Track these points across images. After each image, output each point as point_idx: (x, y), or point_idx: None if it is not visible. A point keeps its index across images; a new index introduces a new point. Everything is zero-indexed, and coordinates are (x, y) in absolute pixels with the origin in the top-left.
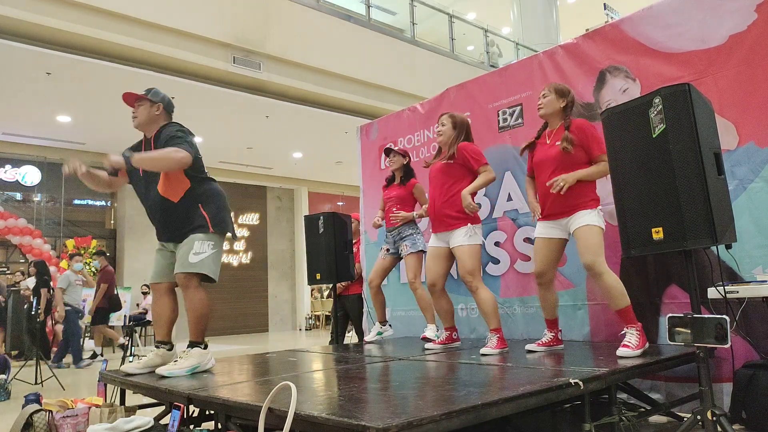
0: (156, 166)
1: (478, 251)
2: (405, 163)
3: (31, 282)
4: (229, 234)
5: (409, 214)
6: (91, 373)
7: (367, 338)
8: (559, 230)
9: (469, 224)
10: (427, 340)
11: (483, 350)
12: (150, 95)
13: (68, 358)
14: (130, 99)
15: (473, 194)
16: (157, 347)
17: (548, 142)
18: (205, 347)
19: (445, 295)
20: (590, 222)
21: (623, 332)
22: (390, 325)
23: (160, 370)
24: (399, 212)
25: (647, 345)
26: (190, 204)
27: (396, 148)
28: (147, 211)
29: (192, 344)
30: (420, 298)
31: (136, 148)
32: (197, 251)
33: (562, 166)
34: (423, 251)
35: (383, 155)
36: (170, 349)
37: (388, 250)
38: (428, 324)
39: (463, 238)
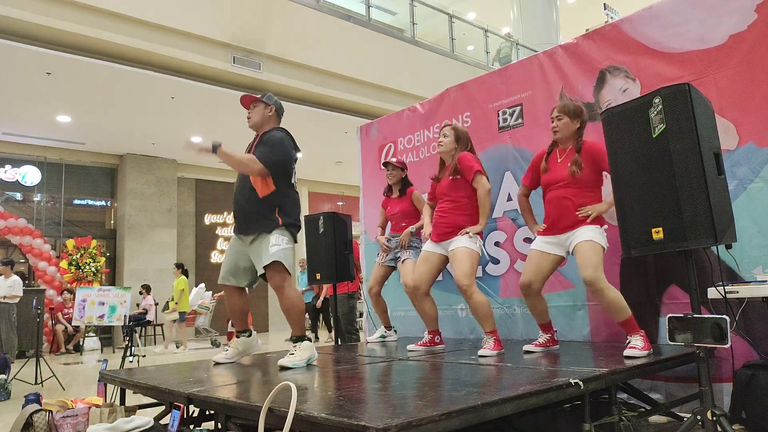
0: (234, 166)
1: (477, 257)
2: (404, 176)
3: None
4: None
5: (407, 232)
6: (91, 373)
7: (369, 339)
8: (558, 247)
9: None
10: None
11: (481, 352)
12: (264, 98)
13: None
14: (247, 101)
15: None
16: (237, 337)
17: (560, 161)
18: (310, 340)
19: (429, 299)
20: (593, 238)
21: (627, 341)
22: (395, 331)
23: (282, 362)
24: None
25: (651, 350)
26: (271, 204)
27: (394, 161)
28: (235, 195)
29: (299, 338)
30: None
31: (250, 145)
32: (274, 243)
33: (572, 185)
34: None
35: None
36: (249, 335)
37: (385, 256)
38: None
39: (466, 241)
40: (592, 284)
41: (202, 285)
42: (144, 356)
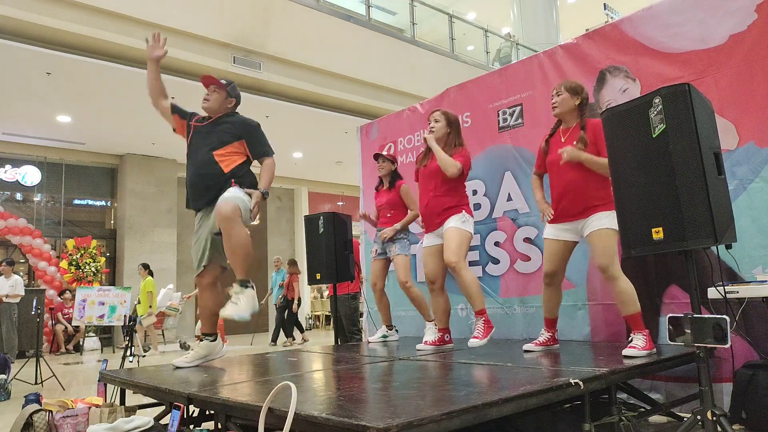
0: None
1: (468, 238)
2: (393, 169)
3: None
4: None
5: (393, 228)
6: (91, 373)
7: (371, 339)
8: (571, 233)
9: (463, 211)
10: None
11: (471, 341)
12: (229, 88)
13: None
14: (211, 82)
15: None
16: (201, 339)
17: (563, 140)
18: (254, 287)
19: (444, 294)
20: (608, 225)
21: (630, 338)
22: (396, 330)
23: (229, 313)
24: (385, 229)
25: (653, 350)
26: (229, 177)
27: (384, 154)
28: (190, 173)
29: (243, 283)
30: (414, 297)
31: (202, 120)
32: (231, 193)
33: (576, 165)
34: (412, 254)
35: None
36: (214, 340)
37: (376, 251)
38: (427, 323)
39: (456, 222)
40: (606, 271)
41: (171, 286)
42: (144, 356)
